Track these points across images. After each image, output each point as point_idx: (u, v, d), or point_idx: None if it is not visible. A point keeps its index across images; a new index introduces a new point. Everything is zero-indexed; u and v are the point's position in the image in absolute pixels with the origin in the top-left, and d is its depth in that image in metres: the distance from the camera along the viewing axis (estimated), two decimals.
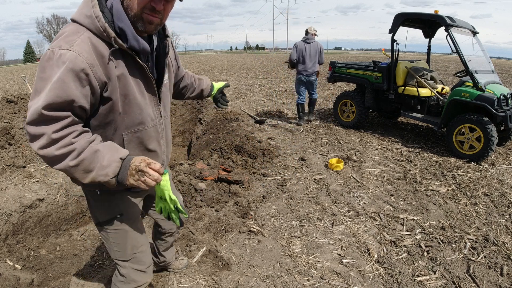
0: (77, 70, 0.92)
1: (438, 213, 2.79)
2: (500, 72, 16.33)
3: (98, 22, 0.96)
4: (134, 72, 1.08)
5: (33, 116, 0.91)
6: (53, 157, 0.93)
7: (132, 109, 1.10)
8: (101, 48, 0.98)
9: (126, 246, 1.27)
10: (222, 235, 2.46)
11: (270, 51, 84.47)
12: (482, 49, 4.62)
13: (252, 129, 5.28)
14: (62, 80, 0.90)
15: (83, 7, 1.00)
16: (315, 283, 1.96)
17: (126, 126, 1.11)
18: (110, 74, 1.00)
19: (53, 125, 0.92)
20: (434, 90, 4.66)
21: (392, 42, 4.79)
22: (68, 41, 0.94)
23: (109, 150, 0.99)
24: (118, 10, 1.00)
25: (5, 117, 3.80)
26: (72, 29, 0.98)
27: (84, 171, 0.96)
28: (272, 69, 18.16)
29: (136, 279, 1.32)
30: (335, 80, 5.98)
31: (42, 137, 0.91)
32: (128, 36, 1.00)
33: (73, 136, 0.95)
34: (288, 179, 3.45)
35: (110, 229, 1.24)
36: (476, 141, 3.94)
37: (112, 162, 0.98)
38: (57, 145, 0.92)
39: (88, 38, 0.96)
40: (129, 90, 1.07)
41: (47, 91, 0.90)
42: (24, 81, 8.37)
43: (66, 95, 0.91)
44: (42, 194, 2.46)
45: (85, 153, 0.95)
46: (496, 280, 1.99)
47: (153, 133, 1.20)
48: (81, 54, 0.93)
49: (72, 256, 2.25)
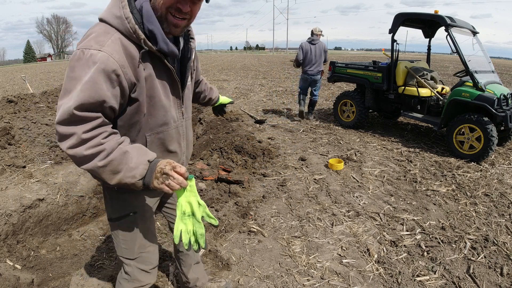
0: (109, 71, 0.92)
1: (438, 213, 2.79)
2: (500, 72, 16.33)
3: (128, 23, 0.96)
4: (161, 74, 1.08)
5: (64, 116, 0.90)
6: (82, 157, 0.93)
7: (156, 110, 1.10)
8: (131, 49, 0.98)
9: (134, 245, 1.27)
10: (222, 235, 2.46)
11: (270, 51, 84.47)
12: (482, 49, 4.62)
13: (252, 129, 5.29)
14: (94, 80, 0.90)
15: (112, 7, 0.99)
16: (315, 283, 1.96)
17: (150, 127, 1.12)
18: (138, 76, 1.00)
19: (84, 125, 0.92)
20: (434, 90, 4.66)
21: (392, 42, 4.79)
22: (98, 41, 0.93)
23: (137, 153, 0.99)
24: (148, 11, 0.99)
25: (5, 117, 3.80)
26: (101, 29, 0.98)
27: (112, 172, 0.96)
28: (272, 69, 18.16)
29: (140, 279, 1.33)
30: (335, 80, 5.99)
31: (72, 137, 0.91)
32: (158, 39, 1.00)
33: (103, 137, 0.95)
34: (288, 179, 3.45)
35: (121, 226, 1.25)
36: (476, 141, 3.94)
37: (140, 164, 0.97)
38: (87, 145, 0.92)
39: (118, 39, 0.96)
40: (155, 92, 1.07)
41: (79, 91, 0.90)
42: (24, 81, 8.36)
43: (97, 96, 0.91)
44: (42, 194, 2.46)
45: (114, 154, 0.95)
46: (496, 280, 1.99)
47: (175, 134, 1.21)
48: (112, 55, 0.93)
49: (72, 256, 2.25)
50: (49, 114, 4.43)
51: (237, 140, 4.10)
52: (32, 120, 3.79)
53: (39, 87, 11.74)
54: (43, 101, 5.03)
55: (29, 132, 3.55)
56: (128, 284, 1.33)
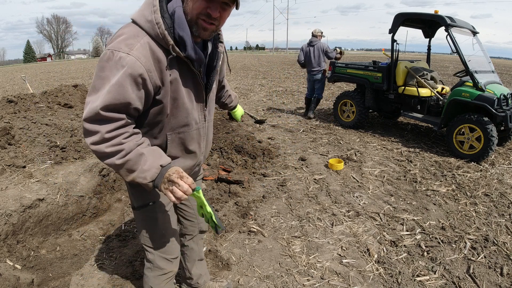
0: (135, 75, 0.96)
1: (438, 213, 2.79)
2: (500, 72, 16.33)
3: (158, 28, 0.98)
4: (186, 77, 1.11)
5: (90, 114, 0.96)
6: (102, 153, 0.99)
7: (179, 112, 1.14)
8: (159, 53, 1.00)
9: (155, 233, 1.32)
10: (222, 235, 2.46)
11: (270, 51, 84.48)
12: (482, 49, 4.62)
13: (252, 129, 5.29)
14: (120, 83, 0.95)
15: (144, 10, 1.01)
16: (315, 283, 1.96)
17: (172, 127, 1.16)
18: (164, 79, 1.03)
19: (108, 125, 0.97)
20: (434, 90, 4.66)
21: (392, 42, 4.79)
22: (128, 44, 0.97)
23: (152, 156, 1.04)
24: (180, 17, 1.02)
25: (5, 117, 3.80)
26: (132, 31, 1.00)
27: (127, 171, 1.02)
28: (272, 69, 18.17)
29: (162, 266, 1.36)
30: (335, 80, 5.99)
31: (96, 135, 0.97)
32: (187, 46, 1.02)
33: (124, 137, 1.00)
34: (288, 179, 3.45)
35: (142, 214, 1.30)
36: (476, 141, 3.94)
37: (152, 167, 1.03)
38: (108, 144, 0.98)
39: (147, 43, 0.99)
40: (179, 95, 1.10)
41: (106, 92, 0.95)
42: (24, 81, 8.36)
43: (123, 98, 0.96)
44: (42, 194, 2.46)
45: (131, 154, 1.01)
46: (496, 280, 1.99)
47: (195, 135, 1.24)
48: (139, 59, 0.96)
49: (72, 256, 2.25)
50: (49, 114, 4.43)
51: (237, 140, 4.10)
52: (32, 120, 3.79)
53: (39, 87, 11.74)
54: (43, 101, 5.03)
55: (29, 132, 3.55)
56: (152, 273, 1.38)
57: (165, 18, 1.01)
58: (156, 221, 1.30)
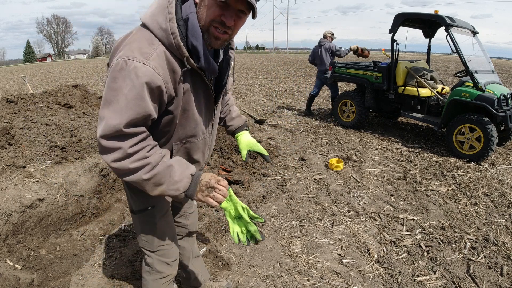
0: (153, 87, 0.91)
1: (438, 213, 2.79)
2: (500, 72, 16.33)
3: (174, 39, 0.93)
4: (198, 89, 1.07)
5: (109, 131, 0.90)
6: (127, 170, 0.94)
7: (188, 123, 1.11)
8: (174, 64, 0.96)
9: (154, 237, 1.30)
10: (222, 235, 2.46)
11: (270, 51, 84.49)
12: (482, 49, 4.62)
13: (252, 129, 5.29)
14: (140, 96, 0.90)
15: (158, 15, 0.94)
16: (315, 283, 1.96)
17: (179, 137, 1.13)
18: (178, 90, 1.00)
19: (129, 140, 0.92)
20: (434, 90, 4.66)
21: (392, 42, 4.79)
22: (143, 53, 0.91)
23: (180, 166, 1.01)
24: (194, 25, 0.96)
25: (5, 117, 3.80)
26: (145, 37, 0.94)
27: (155, 185, 0.98)
28: (272, 69, 18.17)
29: (161, 270, 1.35)
30: (335, 80, 5.99)
31: (117, 151, 0.92)
32: (200, 57, 0.98)
33: (147, 150, 0.96)
34: (288, 179, 3.45)
35: (141, 218, 1.28)
36: (476, 141, 3.94)
37: (184, 178, 1.00)
38: (132, 159, 0.93)
39: (163, 52, 0.94)
40: (190, 106, 1.07)
41: (125, 108, 0.89)
42: (24, 81, 8.37)
43: (144, 112, 0.92)
44: (42, 194, 2.46)
45: (158, 168, 0.96)
46: (496, 280, 1.99)
47: (201, 145, 1.22)
48: (157, 70, 0.91)
49: (72, 256, 2.25)
50: (49, 114, 4.43)
51: None
52: (32, 120, 3.79)
53: (39, 87, 11.75)
54: (43, 101, 5.03)
55: (29, 132, 3.55)
56: (151, 277, 1.37)
57: (180, 26, 0.95)
58: (155, 225, 1.29)
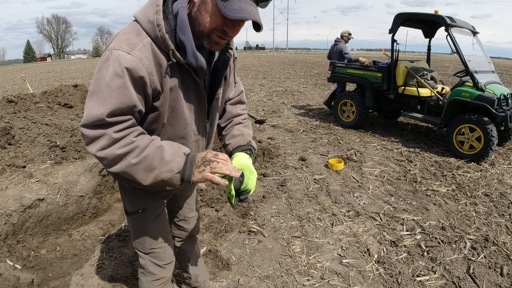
0: (135, 76, 0.88)
1: (438, 213, 2.79)
2: (500, 72, 16.33)
3: (159, 31, 0.91)
4: (187, 86, 1.03)
5: (92, 120, 0.87)
6: (114, 157, 0.90)
7: (177, 122, 1.06)
8: (160, 57, 0.93)
9: (145, 240, 1.29)
10: (222, 235, 2.46)
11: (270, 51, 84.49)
12: (482, 49, 4.62)
13: (252, 129, 5.28)
14: (123, 85, 0.87)
15: (147, 8, 0.94)
16: (315, 283, 1.96)
17: (168, 138, 1.07)
18: (164, 85, 0.96)
19: (114, 126, 0.90)
20: (434, 90, 4.66)
21: (392, 42, 4.79)
22: (129, 44, 0.89)
23: (171, 146, 0.96)
24: (182, 20, 0.93)
25: (5, 117, 3.80)
26: (133, 29, 0.93)
27: (146, 169, 0.92)
28: (272, 69, 18.17)
29: (154, 272, 1.35)
30: (335, 80, 5.99)
31: (102, 138, 0.88)
32: (188, 51, 0.94)
33: (135, 135, 0.93)
34: (288, 179, 3.45)
35: (133, 221, 1.27)
36: (476, 141, 3.94)
37: (176, 156, 0.94)
38: (119, 144, 0.89)
39: (150, 43, 0.92)
40: (178, 104, 1.02)
41: (109, 97, 0.87)
42: (24, 81, 8.37)
43: (128, 101, 0.89)
44: (42, 194, 2.46)
45: (148, 150, 0.92)
46: (496, 280, 1.99)
47: (194, 147, 1.17)
48: (141, 60, 0.89)
49: (72, 256, 2.25)
50: (49, 114, 4.43)
51: None
52: (32, 120, 3.79)
53: (39, 87, 11.74)
54: (43, 101, 5.03)
55: (29, 132, 3.55)
56: (145, 278, 1.37)
57: (168, 20, 0.94)
58: (146, 228, 1.27)
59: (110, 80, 0.87)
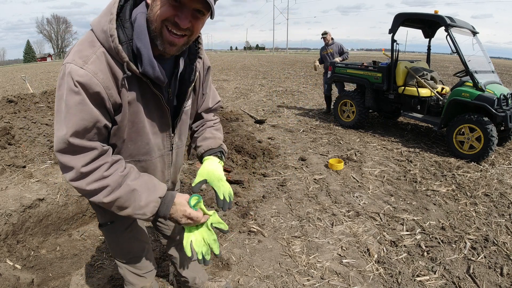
0: (91, 92, 0.83)
1: (438, 213, 2.79)
2: (500, 72, 16.33)
3: (112, 42, 0.84)
4: (147, 99, 0.96)
5: (60, 145, 0.85)
6: (84, 191, 0.88)
7: (139, 137, 1.00)
8: (115, 68, 0.86)
9: (119, 250, 1.27)
10: (222, 235, 2.46)
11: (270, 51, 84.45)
12: (482, 49, 4.62)
13: (252, 129, 5.29)
14: (81, 101, 0.82)
15: (102, 17, 0.87)
16: (315, 283, 1.96)
17: (130, 154, 1.02)
18: (122, 99, 0.90)
19: (82, 157, 0.86)
20: (434, 90, 4.66)
21: (392, 42, 4.79)
22: (82, 56, 0.83)
23: (146, 188, 0.94)
24: (140, 26, 0.87)
25: (5, 117, 3.80)
26: (88, 40, 0.87)
27: (119, 208, 0.92)
28: (272, 69, 18.17)
29: (133, 282, 1.31)
30: (335, 80, 5.99)
31: (72, 171, 0.86)
32: (144, 59, 0.86)
33: (105, 169, 0.89)
34: (288, 179, 3.45)
35: (104, 232, 1.24)
36: (476, 141, 3.94)
37: (150, 202, 0.94)
38: (88, 180, 0.87)
39: (103, 54, 0.85)
40: (138, 118, 0.96)
41: (68, 115, 0.82)
42: (24, 81, 8.37)
43: (89, 117, 0.84)
44: (42, 194, 2.46)
45: (120, 191, 0.90)
46: (496, 280, 1.99)
47: (159, 163, 1.12)
48: (96, 75, 0.83)
49: (72, 256, 2.25)
50: (49, 114, 4.43)
51: (237, 140, 4.10)
52: (32, 120, 3.79)
53: (39, 87, 11.74)
54: (43, 101, 5.03)
55: (29, 132, 3.55)
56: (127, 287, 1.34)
57: (125, 29, 0.86)
58: (117, 239, 1.23)
59: (67, 97, 0.82)
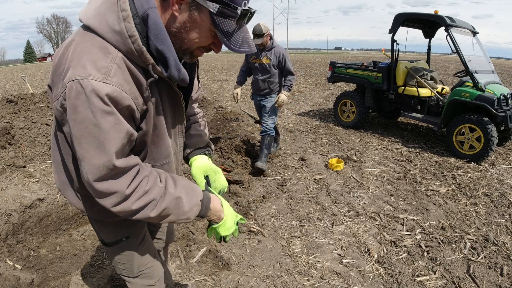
0: (121, 107, 0.75)
1: (438, 213, 2.79)
2: (500, 72, 16.32)
3: (133, 43, 0.74)
4: (166, 99, 0.94)
5: (101, 173, 0.77)
6: (130, 212, 0.85)
7: (161, 140, 0.97)
8: (137, 73, 0.79)
9: (133, 266, 1.21)
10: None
11: None
12: (482, 49, 4.62)
13: (252, 129, 5.29)
14: (116, 120, 0.75)
15: (106, 13, 0.74)
16: (315, 283, 1.96)
17: (154, 158, 0.99)
18: (147, 104, 0.85)
19: (124, 178, 0.81)
20: (434, 90, 4.66)
21: (392, 42, 4.79)
22: (99, 68, 0.72)
23: (186, 193, 0.93)
24: (157, 25, 0.76)
25: (5, 117, 3.80)
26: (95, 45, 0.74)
27: (162, 218, 0.91)
28: None
29: None
30: (335, 80, 5.99)
31: (115, 195, 0.81)
32: (170, 64, 0.80)
33: (145, 183, 0.85)
34: (288, 179, 3.45)
35: (115, 250, 1.17)
36: (476, 141, 3.94)
37: (193, 206, 0.95)
38: (133, 199, 0.83)
39: (122, 60, 0.75)
40: (160, 120, 0.93)
41: (109, 141, 0.75)
42: (24, 81, 8.38)
43: (126, 134, 0.79)
44: (42, 194, 2.46)
45: (165, 202, 0.88)
46: (496, 280, 1.99)
47: (174, 162, 1.11)
48: (123, 87, 0.74)
49: (72, 256, 2.25)
50: (49, 114, 4.43)
51: (237, 140, 4.10)
52: (32, 120, 3.80)
53: (39, 87, 11.74)
54: (43, 101, 5.03)
55: (29, 132, 3.55)
56: None
57: (137, 26, 0.74)
58: (132, 254, 1.18)
59: (100, 120, 0.73)
